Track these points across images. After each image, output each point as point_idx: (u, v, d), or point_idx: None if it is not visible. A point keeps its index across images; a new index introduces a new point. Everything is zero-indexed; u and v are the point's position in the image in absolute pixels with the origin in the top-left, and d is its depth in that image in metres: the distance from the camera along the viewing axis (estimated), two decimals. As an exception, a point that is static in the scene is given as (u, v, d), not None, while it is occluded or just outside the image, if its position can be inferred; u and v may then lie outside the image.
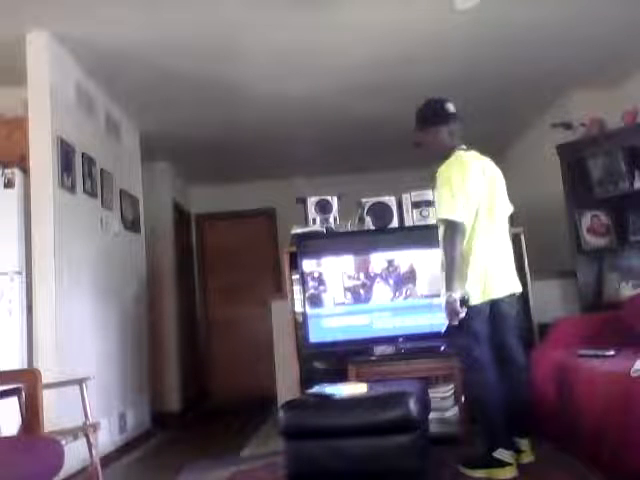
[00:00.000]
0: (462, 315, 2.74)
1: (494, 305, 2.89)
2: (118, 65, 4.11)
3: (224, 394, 6.73)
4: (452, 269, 2.76)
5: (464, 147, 3.02)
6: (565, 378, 3.09)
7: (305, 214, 4.19)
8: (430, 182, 4.20)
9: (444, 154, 3.00)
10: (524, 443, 2.90)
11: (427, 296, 3.71)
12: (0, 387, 2.58)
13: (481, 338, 2.84)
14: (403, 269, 3.75)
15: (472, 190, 2.87)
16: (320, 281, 3.75)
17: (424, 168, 6.08)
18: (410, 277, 3.74)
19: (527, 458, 2.87)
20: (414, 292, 3.74)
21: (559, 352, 3.39)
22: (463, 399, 3.46)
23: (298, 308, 3.93)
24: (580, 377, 2.95)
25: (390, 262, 3.75)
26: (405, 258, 3.76)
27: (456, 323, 2.76)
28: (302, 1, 3.49)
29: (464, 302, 2.75)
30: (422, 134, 3.08)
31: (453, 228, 2.79)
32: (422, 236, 3.79)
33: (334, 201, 4.18)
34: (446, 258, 2.79)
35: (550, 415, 3.13)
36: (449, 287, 2.76)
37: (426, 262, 3.71)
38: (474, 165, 2.96)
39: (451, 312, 2.75)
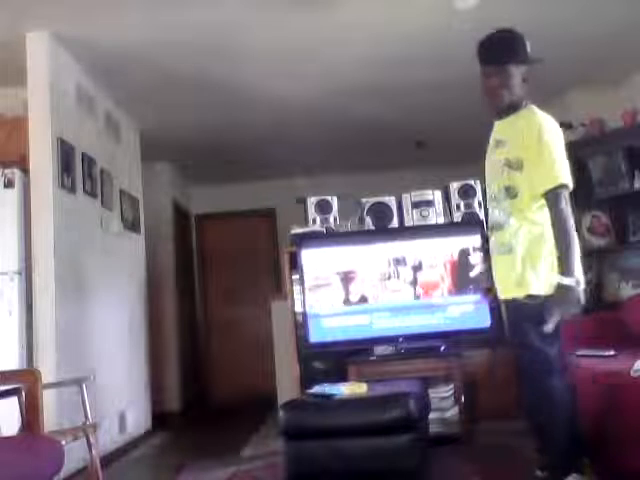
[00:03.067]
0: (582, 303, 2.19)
1: None
2: (118, 65, 4.11)
3: (224, 394, 6.72)
4: (573, 248, 2.17)
5: None
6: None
7: (305, 214, 4.20)
8: (429, 184, 4.27)
9: (514, 105, 2.40)
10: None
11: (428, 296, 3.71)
12: (0, 387, 2.58)
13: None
14: (404, 269, 3.75)
15: None
16: (320, 281, 3.75)
17: (424, 168, 6.14)
18: (411, 276, 3.74)
19: None
20: (414, 291, 3.74)
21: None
22: (462, 399, 3.47)
23: (298, 308, 3.93)
24: (580, 377, 2.95)
25: (391, 262, 3.75)
26: (405, 258, 3.76)
27: (576, 313, 2.23)
28: (302, 1, 3.49)
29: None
30: (508, 70, 2.45)
31: (568, 197, 2.22)
32: (422, 236, 3.81)
33: (334, 201, 4.18)
34: (564, 235, 2.19)
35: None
36: (570, 270, 2.16)
37: (426, 262, 3.72)
38: None
39: (573, 300, 2.19)
